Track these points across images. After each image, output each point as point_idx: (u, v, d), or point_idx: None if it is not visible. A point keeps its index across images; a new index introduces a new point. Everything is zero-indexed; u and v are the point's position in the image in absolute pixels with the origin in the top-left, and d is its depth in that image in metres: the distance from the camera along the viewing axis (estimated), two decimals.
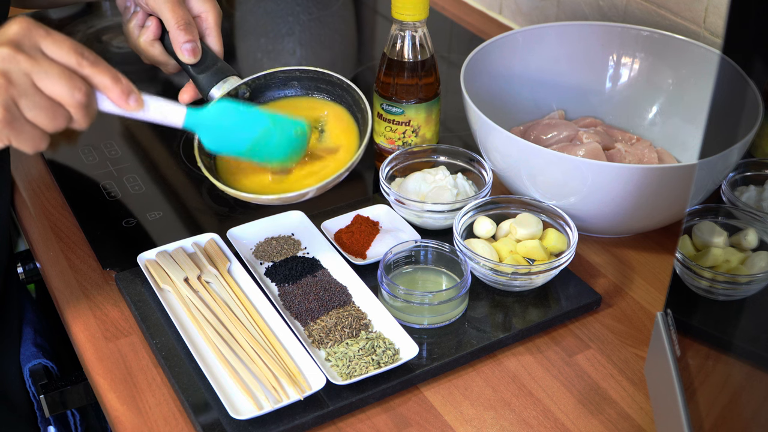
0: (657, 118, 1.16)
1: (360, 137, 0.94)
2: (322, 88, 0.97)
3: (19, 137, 0.75)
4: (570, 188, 0.97)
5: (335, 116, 0.97)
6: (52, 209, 1.10)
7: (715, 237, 0.91)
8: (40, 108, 0.74)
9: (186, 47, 0.90)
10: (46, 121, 0.75)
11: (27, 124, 0.75)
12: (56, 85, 0.74)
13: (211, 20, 0.94)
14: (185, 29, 0.90)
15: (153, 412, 0.85)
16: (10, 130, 0.74)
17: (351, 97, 0.95)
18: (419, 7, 1.02)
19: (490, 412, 0.85)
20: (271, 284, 0.96)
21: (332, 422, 0.84)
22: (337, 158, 0.94)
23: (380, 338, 0.89)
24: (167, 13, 0.90)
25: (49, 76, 0.74)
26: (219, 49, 0.94)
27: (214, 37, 0.94)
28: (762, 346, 0.69)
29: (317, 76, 0.96)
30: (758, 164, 0.95)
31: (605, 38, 1.18)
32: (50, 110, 0.75)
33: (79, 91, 0.75)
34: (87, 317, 0.95)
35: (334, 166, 0.93)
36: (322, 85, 0.97)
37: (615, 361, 0.91)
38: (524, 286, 0.95)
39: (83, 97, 0.75)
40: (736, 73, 0.75)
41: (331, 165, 0.93)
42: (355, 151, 0.92)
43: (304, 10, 1.57)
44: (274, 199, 0.90)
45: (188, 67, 0.93)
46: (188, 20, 0.91)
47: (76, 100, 0.75)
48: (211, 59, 0.93)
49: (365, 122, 0.93)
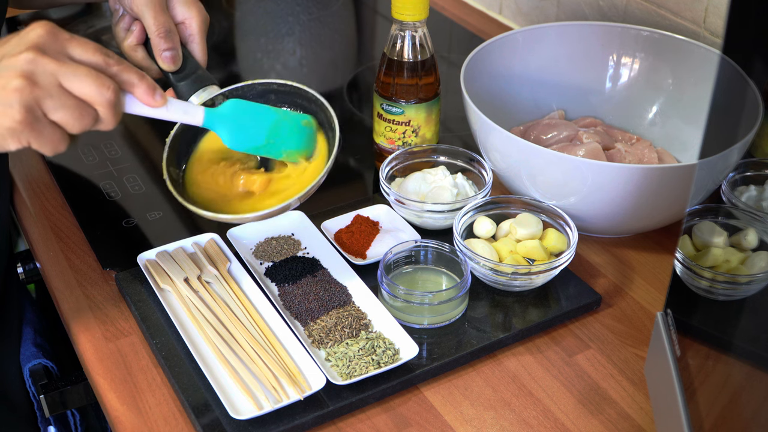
0: (657, 118, 1.16)
1: (328, 155, 0.94)
2: (297, 102, 0.98)
3: (40, 139, 0.75)
4: (570, 188, 0.97)
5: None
6: (52, 209, 1.10)
7: (715, 237, 0.91)
8: (66, 108, 0.75)
9: (165, 55, 0.91)
10: (73, 121, 0.75)
11: (49, 125, 0.75)
12: (85, 85, 0.75)
13: (195, 27, 0.94)
14: (165, 37, 0.91)
15: (153, 412, 0.85)
16: (30, 131, 0.74)
17: (324, 115, 0.96)
18: (419, 7, 1.02)
19: (490, 412, 0.85)
20: (271, 284, 0.96)
21: (332, 422, 0.84)
22: (310, 169, 0.95)
23: (380, 338, 0.89)
24: (149, 19, 0.91)
25: (77, 75, 0.74)
26: (202, 56, 0.95)
27: (197, 44, 0.94)
28: (762, 346, 0.69)
29: (294, 90, 0.97)
30: (758, 164, 0.95)
31: (605, 38, 1.18)
32: (77, 110, 0.75)
33: (108, 89, 0.76)
34: (87, 317, 0.95)
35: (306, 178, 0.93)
36: (298, 99, 0.98)
37: (615, 361, 0.91)
38: (524, 286, 0.95)
39: (113, 95, 0.76)
40: (736, 73, 0.75)
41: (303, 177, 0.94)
42: (323, 167, 0.92)
43: (304, 10, 1.57)
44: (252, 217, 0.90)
45: (168, 74, 0.94)
46: (169, 28, 0.91)
47: (105, 99, 0.76)
48: (192, 67, 0.93)
49: (333, 141, 0.93)
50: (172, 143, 0.94)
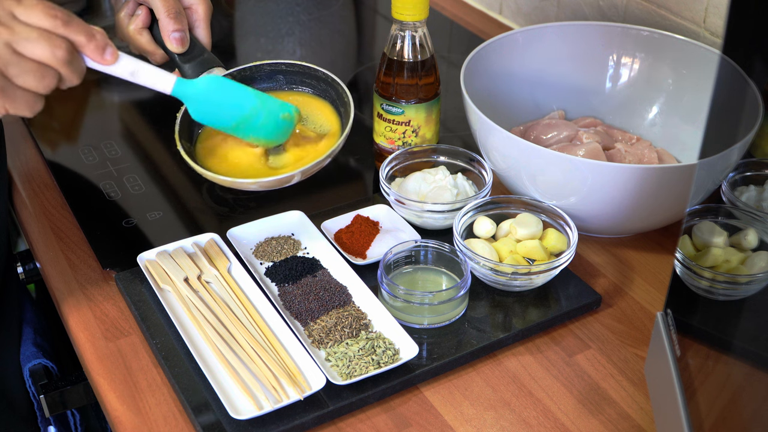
0: (657, 118, 1.16)
1: (341, 131, 0.95)
2: (306, 82, 0.98)
3: (14, 104, 0.79)
4: (570, 188, 0.97)
5: (318, 109, 0.98)
6: (52, 209, 1.10)
7: (715, 237, 0.91)
8: (28, 72, 0.77)
9: (174, 36, 0.92)
10: (36, 82, 0.78)
11: (18, 89, 0.78)
12: (37, 48, 0.77)
13: (201, 12, 0.95)
14: (175, 18, 0.92)
15: (153, 412, 0.85)
16: (4, 98, 0.78)
17: (335, 91, 0.96)
18: (419, 7, 1.02)
19: (490, 412, 0.85)
20: (271, 284, 0.96)
21: (332, 422, 0.84)
22: (322, 145, 0.95)
23: (380, 338, 0.89)
24: (158, 1, 0.91)
25: (29, 41, 0.77)
26: (207, 41, 0.96)
27: (203, 29, 0.95)
28: (762, 346, 0.69)
29: (302, 70, 0.98)
30: (758, 164, 0.95)
31: (605, 38, 1.18)
32: (38, 72, 0.78)
33: (60, 49, 0.78)
34: (87, 317, 0.95)
35: (316, 153, 0.94)
36: (307, 79, 0.98)
37: (615, 361, 0.91)
38: (524, 286, 0.95)
39: (65, 53, 0.78)
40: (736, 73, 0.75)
41: (314, 151, 0.94)
42: (338, 139, 0.93)
43: (304, 10, 1.57)
44: (252, 183, 0.90)
45: (175, 56, 0.94)
46: (178, 10, 0.92)
47: (58, 59, 0.78)
48: (198, 50, 0.94)
49: (347, 115, 0.94)
50: (183, 117, 0.94)
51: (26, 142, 1.21)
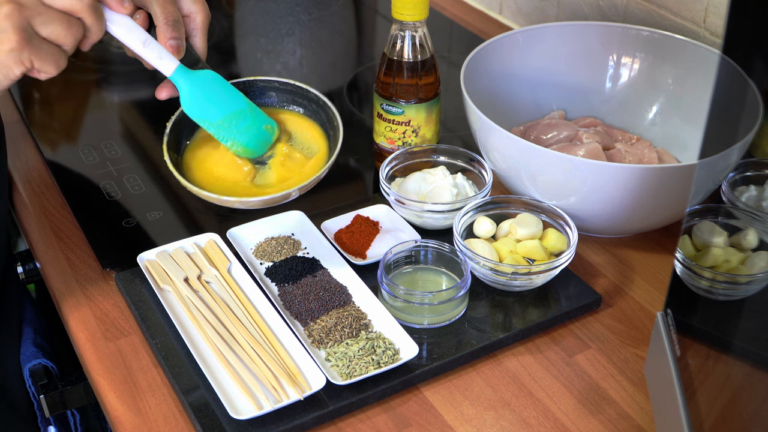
0: (657, 118, 1.16)
1: (328, 155, 0.95)
2: (298, 101, 0.99)
3: (40, 55, 0.80)
4: (570, 188, 0.97)
5: (308, 130, 0.98)
6: (52, 209, 1.10)
7: (715, 237, 0.91)
8: (54, 21, 0.80)
9: (171, 43, 0.92)
10: (64, 32, 0.81)
11: (44, 42, 0.80)
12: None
13: (199, 21, 0.95)
14: (172, 25, 0.92)
15: (153, 412, 0.85)
16: (30, 50, 0.80)
17: (326, 114, 0.97)
18: (419, 7, 1.02)
19: (490, 412, 0.85)
20: (271, 284, 0.96)
21: (332, 422, 0.84)
22: (308, 167, 0.95)
23: (380, 338, 0.89)
24: (157, 7, 0.91)
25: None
26: (203, 50, 0.96)
27: (199, 38, 0.95)
28: (762, 346, 0.69)
29: (294, 89, 0.99)
30: (758, 164, 0.95)
31: (605, 38, 1.18)
32: (65, 21, 0.81)
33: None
34: (87, 317, 0.95)
35: (301, 175, 0.94)
36: (299, 99, 0.99)
37: (615, 361, 0.91)
38: (524, 286, 0.95)
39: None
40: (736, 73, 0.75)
41: (300, 173, 0.95)
42: (325, 163, 0.93)
43: (304, 10, 1.57)
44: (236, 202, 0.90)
45: None
46: (177, 18, 0.92)
47: (85, 3, 0.81)
48: (193, 59, 0.94)
49: (336, 140, 0.94)
50: (173, 128, 0.95)
51: (26, 142, 1.21)
